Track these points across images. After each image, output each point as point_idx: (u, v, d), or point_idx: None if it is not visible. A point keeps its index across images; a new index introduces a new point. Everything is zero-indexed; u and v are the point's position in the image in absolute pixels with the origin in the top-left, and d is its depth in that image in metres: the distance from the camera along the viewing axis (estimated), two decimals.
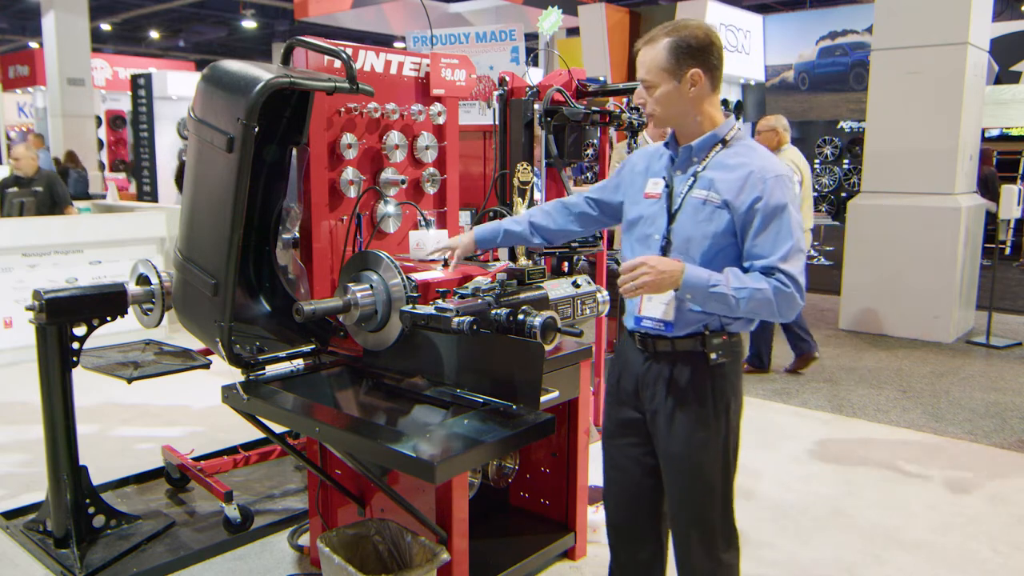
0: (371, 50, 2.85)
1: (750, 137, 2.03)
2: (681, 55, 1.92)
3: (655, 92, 1.97)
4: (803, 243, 1.92)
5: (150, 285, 2.99)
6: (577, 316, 2.83)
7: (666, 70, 1.93)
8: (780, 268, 1.87)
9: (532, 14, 10.48)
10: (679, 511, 2.10)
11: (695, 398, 2.01)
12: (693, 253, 1.96)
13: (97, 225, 6.51)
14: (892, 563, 3.07)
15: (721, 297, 1.86)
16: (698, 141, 2.00)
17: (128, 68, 15.59)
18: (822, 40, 10.92)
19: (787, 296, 1.87)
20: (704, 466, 2.03)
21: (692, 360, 2.01)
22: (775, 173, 1.92)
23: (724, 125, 2.00)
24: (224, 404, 2.42)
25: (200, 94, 2.38)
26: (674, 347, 2.01)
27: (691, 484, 2.06)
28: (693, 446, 2.02)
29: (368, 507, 2.72)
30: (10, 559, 3.06)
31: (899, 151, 6.73)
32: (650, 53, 1.96)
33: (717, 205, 1.93)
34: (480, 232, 2.45)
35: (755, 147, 2.00)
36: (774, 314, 1.90)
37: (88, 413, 4.56)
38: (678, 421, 2.02)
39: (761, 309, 1.88)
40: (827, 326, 7.21)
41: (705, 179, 1.96)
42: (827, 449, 4.26)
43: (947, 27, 6.43)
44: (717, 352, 1.98)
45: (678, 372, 2.02)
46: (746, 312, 1.89)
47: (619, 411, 2.17)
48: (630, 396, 2.13)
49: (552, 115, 3.34)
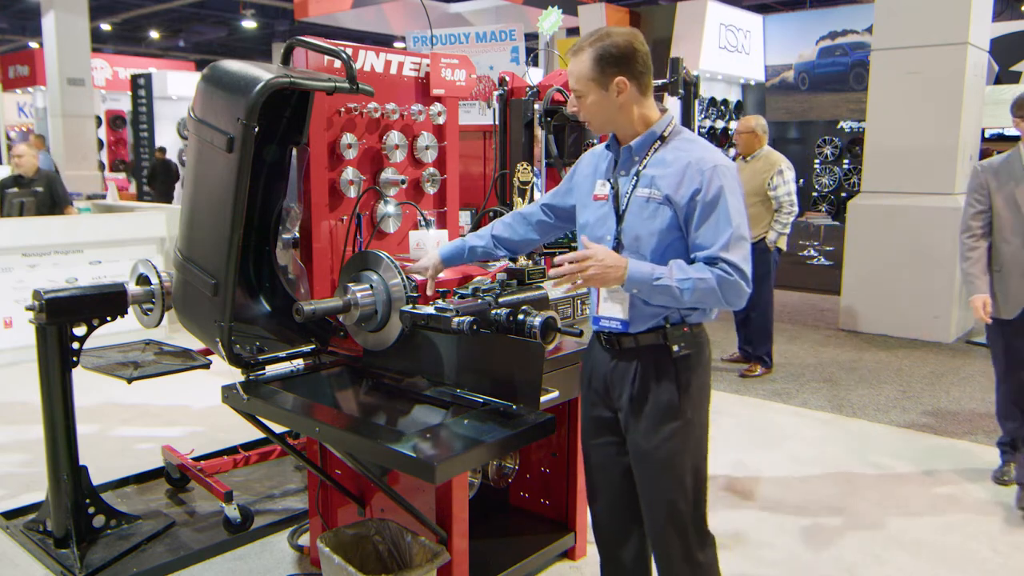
0: (371, 50, 2.85)
1: (688, 130, 2.07)
2: (605, 64, 1.95)
3: (586, 101, 2.01)
4: (744, 229, 1.95)
5: (150, 285, 2.99)
6: (577, 316, 2.83)
7: (592, 80, 1.97)
8: (721, 257, 1.90)
9: (532, 14, 10.48)
10: (650, 509, 2.11)
11: (660, 390, 2.03)
12: (643, 251, 1.99)
13: (97, 225, 6.51)
14: (892, 563, 3.07)
15: (665, 289, 1.89)
16: (636, 141, 2.03)
17: (128, 68, 15.59)
18: (822, 40, 10.91)
19: (731, 284, 1.90)
20: (673, 458, 2.05)
21: (655, 354, 2.03)
22: (712, 163, 1.94)
23: (660, 122, 2.03)
24: (224, 404, 2.42)
25: (200, 94, 2.38)
26: (637, 343, 2.04)
27: (660, 478, 2.07)
28: (660, 437, 2.04)
29: (368, 507, 2.72)
30: (10, 559, 3.06)
31: (899, 151, 6.73)
32: (577, 64, 1.99)
33: (659, 201, 1.96)
34: (445, 251, 2.42)
35: (694, 140, 2.03)
36: (720, 302, 1.93)
37: (88, 413, 4.56)
38: (645, 414, 2.05)
39: (706, 299, 1.91)
40: (827, 326, 7.21)
41: (647, 177, 1.99)
42: (827, 449, 4.26)
43: (947, 27, 6.43)
44: (679, 344, 2.00)
45: (643, 367, 2.04)
46: (692, 302, 1.92)
47: (592, 411, 2.20)
48: (601, 395, 2.16)
49: (552, 115, 3.34)
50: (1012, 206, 3.52)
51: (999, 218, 3.55)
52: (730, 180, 1.95)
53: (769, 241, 5.33)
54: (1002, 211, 3.54)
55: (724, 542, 3.20)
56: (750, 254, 1.95)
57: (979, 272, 3.57)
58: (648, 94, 2.04)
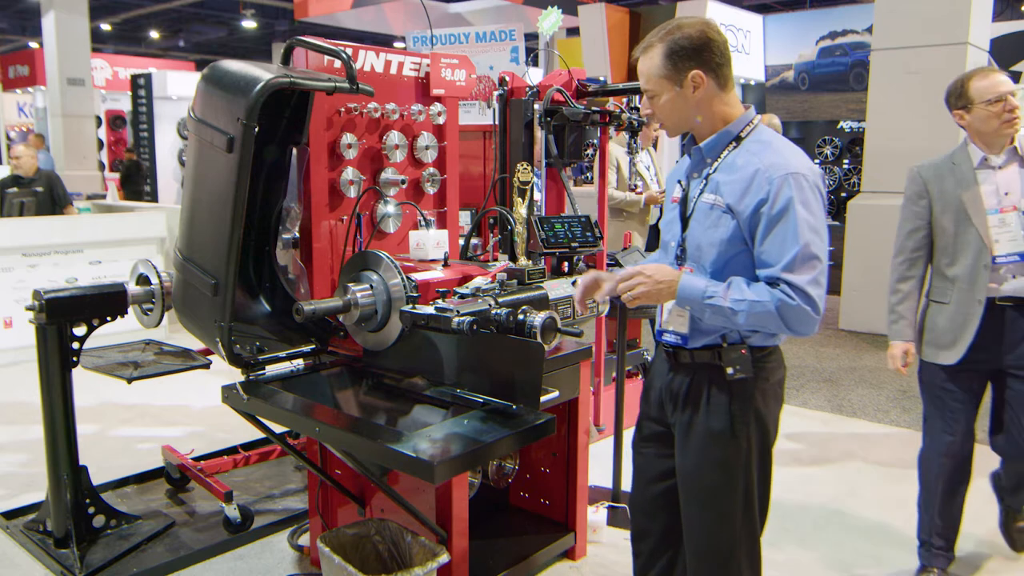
0: (371, 50, 2.85)
1: (770, 131, 1.88)
2: (678, 59, 1.81)
3: (659, 101, 1.87)
4: (817, 247, 1.75)
5: (150, 285, 2.99)
6: (577, 316, 2.83)
7: (665, 77, 1.83)
8: (783, 278, 1.73)
9: (532, 14, 10.47)
10: (688, 538, 1.98)
11: (711, 413, 1.89)
12: (704, 262, 1.86)
13: (97, 225, 6.51)
14: (892, 563, 3.07)
15: (718, 310, 1.76)
16: (707, 141, 1.88)
17: (128, 68, 15.57)
18: (822, 40, 10.92)
19: (794, 310, 1.72)
20: (717, 491, 1.90)
21: (710, 373, 1.90)
22: (785, 171, 1.75)
23: (738, 121, 1.86)
24: (224, 404, 2.42)
25: (200, 94, 2.38)
26: (693, 359, 1.92)
27: (702, 509, 1.93)
28: (705, 465, 1.91)
29: (368, 507, 2.72)
30: (10, 559, 3.06)
31: (899, 151, 6.72)
32: (647, 62, 1.85)
33: (723, 210, 1.81)
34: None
35: (770, 143, 1.84)
36: (783, 329, 1.78)
37: (88, 413, 4.56)
38: (693, 436, 1.92)
39: (766, 323, 1.75)
40: (827, 326, 7.20)
41: (714, 181, 1.85)
42: (827, 449, 4.26)
43: (947, 27, 6.42)
44: (735, 367, 1.85)
45: (696, 385, 1.92)
46: (749, 326, 1.77)
47: (648, 421, 2.10)
48: (656, 407, 2.06)
49: (552, 115, 3.34)
50: (960, 218, 2.67)
51: (943, 235, 2.73)
52: (805, 192, 1.75)
53: None
54: (947, 226, 2.71)
55: None
56: (825, 276, 1.76)
57: (907, 311, 2.78)
58: (729, 88, 1.86)
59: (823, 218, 1.79)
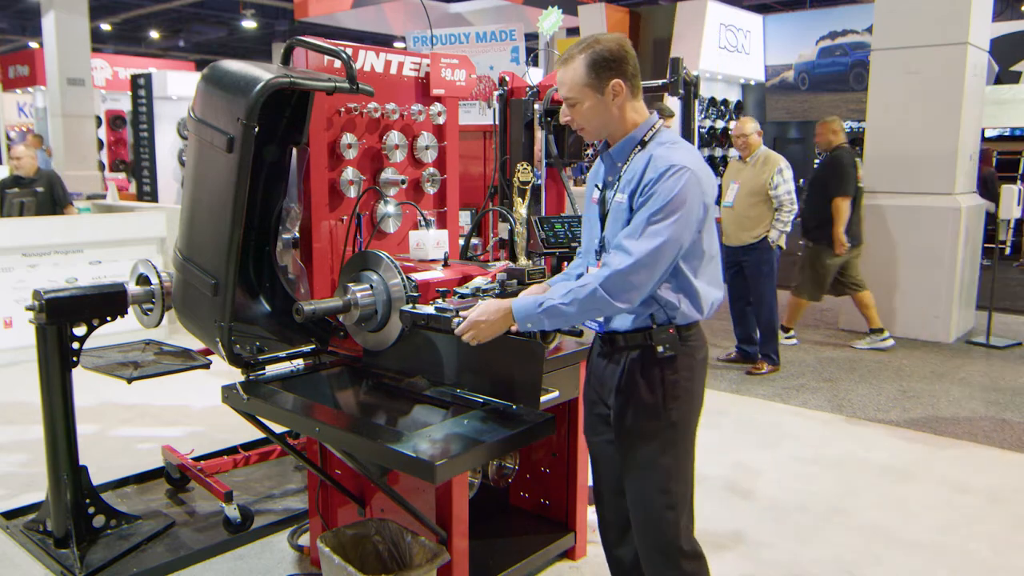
0: (371, 50, 2.85)
1: (671, 133, 2.03)
2: (600, 69, 1.94)
3: (581, 108, 1.99)
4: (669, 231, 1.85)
5: (150, 285, 2.99)
6: None
7: (588, 85, 1.96)
8: (623, 244, 1.87)
9: (532, 14, 10.47)
10: (634, 511, 2.11)
11: (643, 390, 2.03)
12: None
13: (97, 225, 6.52)
14: (892, 563, 3.07)
15: (552, 311, 1.90)
16: (616, 147, 2.03)
17: (128, 68, 15.56)
18: (822, 40, 10.93)
19: (614, 277, 1.85)
20: (653, 461, 2.04)
21: (641, 353, 2.03)
22: (668, 163, 1.88)
23: (642, 126, 2.01)
24: (224, 404, 2.42)
25: (200, 94, 2.38)
26: (626, 342, 2.04)
27: (641, 480, 2.07)
28: (641, 436, 2.04)
29: (368, 507, 2.72)
30: (10, 559, 3.06)
31: (899, 151, 6.72)
32: (569, 72, 1.97)
33: (626, 206, 1.96)
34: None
35: (665, 142, 1.98)
36: (611, 304, 1.87)
37: (88, 413, 4.56)
38: (629, 414, 2.05)
39: (594, 304, 1.88)
40: (827, 326, 7.20)
41: (624, 182, 1.99)
42: (827, 449, 4.26)
43: (947, 27, 6.42)
44: (664, 345, 1.99)
45: (629, 365, 2.04)
46: (582, 314, 1.91)
47: (591, 407, 2.22)
48: (596, 392, 2.18)
49: (552, 115, 3.34)
50: None
51: None
52: (683, 182, 1.86)
53: (771, 240, 5.41)
54: None
55: (724, 542, 3.20)
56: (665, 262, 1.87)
57: None
58: (639, 97, 2.03)
59: (696, 211, 1.90)
